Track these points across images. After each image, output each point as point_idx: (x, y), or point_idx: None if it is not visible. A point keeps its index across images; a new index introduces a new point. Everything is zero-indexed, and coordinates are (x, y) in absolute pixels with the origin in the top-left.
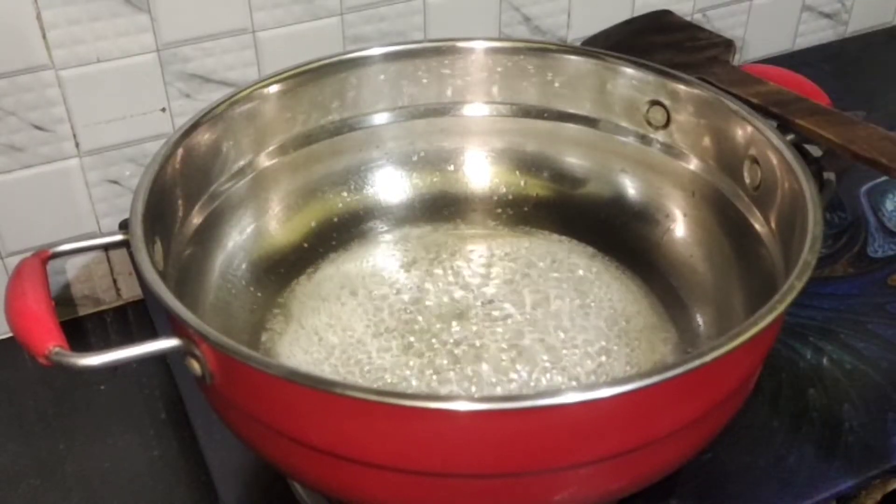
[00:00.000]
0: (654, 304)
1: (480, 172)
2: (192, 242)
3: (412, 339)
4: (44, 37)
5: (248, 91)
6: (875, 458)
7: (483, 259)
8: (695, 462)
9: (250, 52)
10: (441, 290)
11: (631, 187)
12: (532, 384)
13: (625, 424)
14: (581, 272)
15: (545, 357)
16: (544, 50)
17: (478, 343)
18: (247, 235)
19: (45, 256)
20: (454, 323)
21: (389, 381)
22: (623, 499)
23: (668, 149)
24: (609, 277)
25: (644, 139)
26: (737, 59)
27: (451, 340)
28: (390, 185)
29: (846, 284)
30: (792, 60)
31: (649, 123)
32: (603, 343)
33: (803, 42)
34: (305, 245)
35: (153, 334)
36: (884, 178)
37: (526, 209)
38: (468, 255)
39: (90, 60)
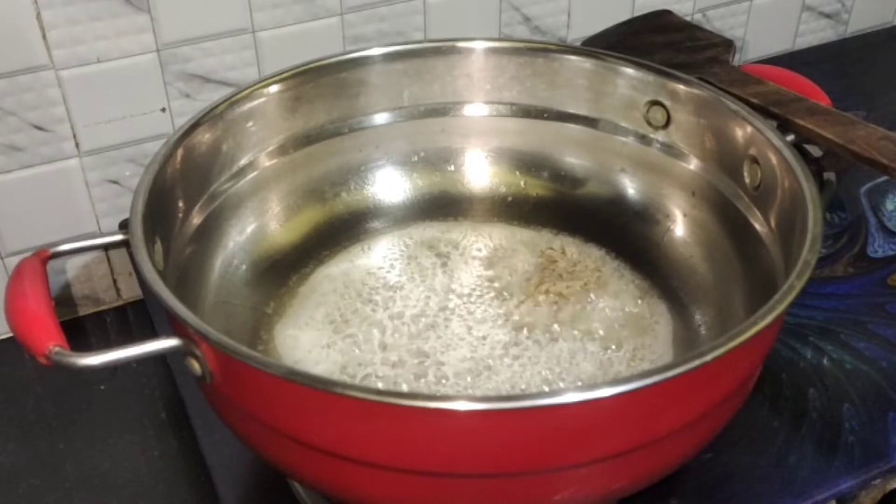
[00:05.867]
0: (654, 303)
1: (480, 172)
2: (192, 242)
3: (412, 338)
4: (44, 37)
5: (248, 91)
6: (875, 458)
7: (483, 259)
8: (695, 462)
9: (250, 52)
10: (441, 290)
11: (631, 187)
12: (531, 384)
13: (625, 424)
14: (580, 272)
15: (544, 357)
16: (544, 50)
17: (478, 342)
18: (247, 235)
19: (45, 256)
20: (454, 322)
21: (389, 380)
22: (623, 499)
23: (668, 149)
24: (608, 277)
25: (644, 139)
26: (737, 59)
27: (451, 340)
28: (390, 185)
29: (846, 284)
30: (792, 60)
31: (649, 123)
32: (603, 343)
33: (803, 42)
34: (305, 245)
35: (153, 334)
36: (884, 177)
37: (526, 209)
38: (468, 255)
39: (90, 60)
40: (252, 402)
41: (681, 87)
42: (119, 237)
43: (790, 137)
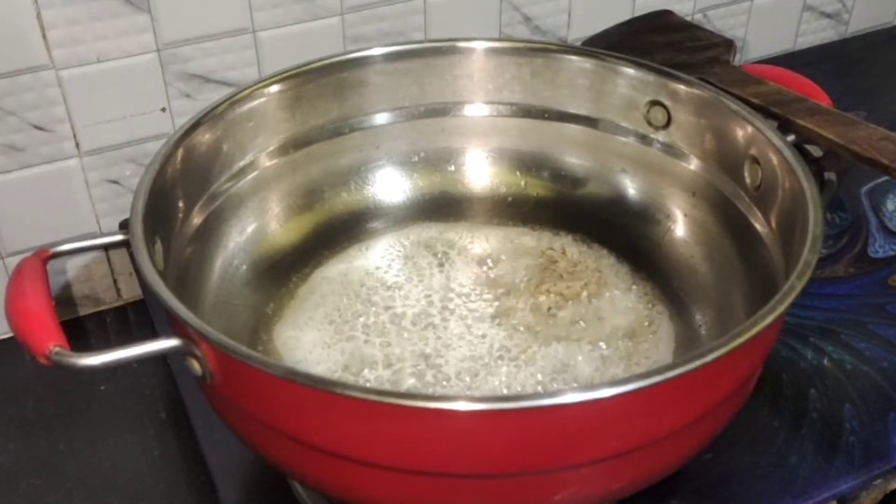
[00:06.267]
0: (654, 303)
1: (480, 172)
2: (193, 242)
3: (412, 338)
4: (44, 37)
5: (248, 91)
6: (875, 458)
7: (482, 259)
8: (695, 462)
9: (250, 52)
10: (441, 290)
11: (631, 187)
12: (527, 384)
13: (625, 424)
14: (580, 272)
15: (544, 357)
16: (544, 50)
17: (477, 341)
18: (247, 235)
19: (45, 256)
20: (454, 322)
21: (389, 380)
22: (623, 499)
23: (669, 149)
24: (609, 277)
25: (644, 139)
26: (737, 59)
27: (451, 339)
28: (390, 185)
29: (847, 285)
30: (792, 60)
31: (649, 123)
32: (603, 343)
33: (804, 42)
34: (305, 245)
35: (153, 334)
36: (884, 178)
37: (526, 209)
38: (468, 255)
39: (90, 60)
40: (252, 402)
41: (681, 88)
42: (119, 237)
43: (791, 138)
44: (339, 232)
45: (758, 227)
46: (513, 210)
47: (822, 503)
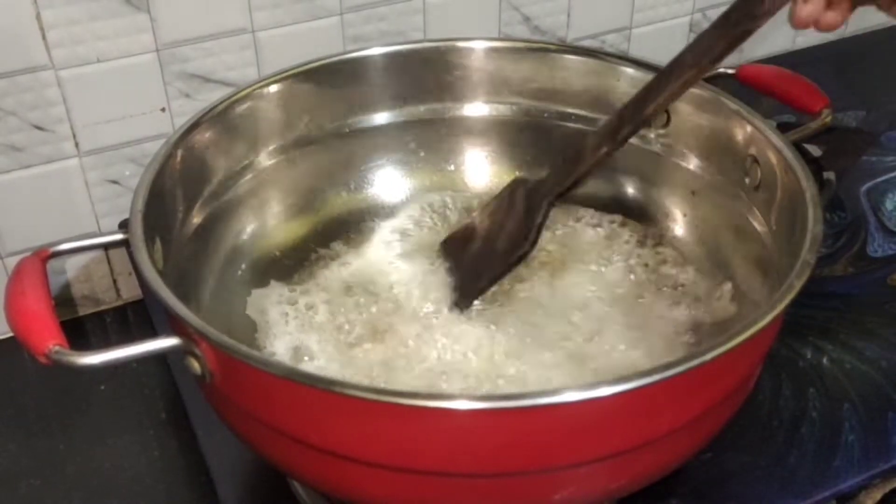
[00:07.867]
0: (653, 303)
1: (480, 172)
2: (192, 242)
3: (413, 337)
4: (43, 37)
5: (248, 91)
6: (875, 457)
7: None
8: (695, 462)
9: (250, 52)
10: (442, 288)
11: (631, 187)
12: (529, 383)
13: (625, 423)
14: (580, 271)
15: (542, 356)
16: (544, 50)
17: (476, 340)
18: (247, 235)
19: (44, 255)
20: (454, 321)
21: (390, 378)
22: (623, 498)
23: (669, 148)
24: (608, 276)
25: (644, 139)
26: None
27: (451, 338)
28: (390, 185)
29: (846, 284)
30: (792, 60)
31: (649, 123)
32: (602, 342)
33: (803, 42)
34: (305, 244)
35: (153, 334)
36: (884, 177)
37: None
38: None
39: (90, 60)
40: (252, 402)
41: None
42: (119, 236)
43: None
44: (338, 231)
45: (757, 226)
46: None
47: (822, 503)
